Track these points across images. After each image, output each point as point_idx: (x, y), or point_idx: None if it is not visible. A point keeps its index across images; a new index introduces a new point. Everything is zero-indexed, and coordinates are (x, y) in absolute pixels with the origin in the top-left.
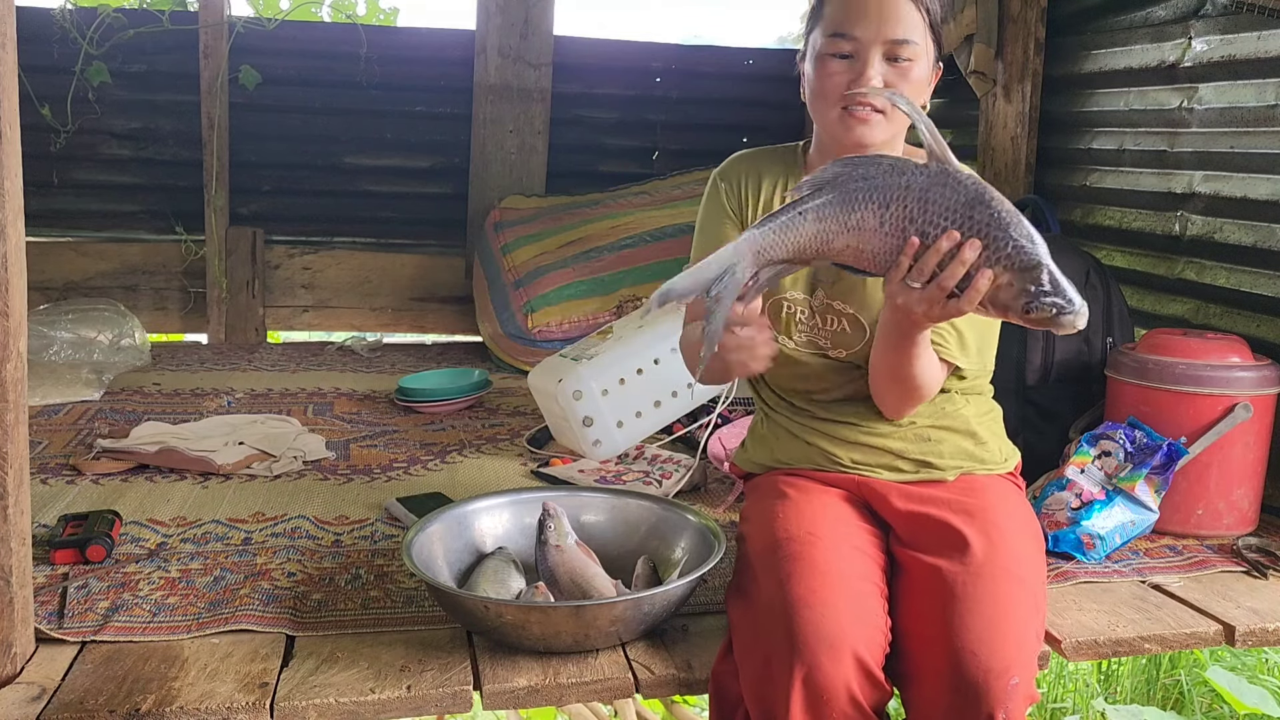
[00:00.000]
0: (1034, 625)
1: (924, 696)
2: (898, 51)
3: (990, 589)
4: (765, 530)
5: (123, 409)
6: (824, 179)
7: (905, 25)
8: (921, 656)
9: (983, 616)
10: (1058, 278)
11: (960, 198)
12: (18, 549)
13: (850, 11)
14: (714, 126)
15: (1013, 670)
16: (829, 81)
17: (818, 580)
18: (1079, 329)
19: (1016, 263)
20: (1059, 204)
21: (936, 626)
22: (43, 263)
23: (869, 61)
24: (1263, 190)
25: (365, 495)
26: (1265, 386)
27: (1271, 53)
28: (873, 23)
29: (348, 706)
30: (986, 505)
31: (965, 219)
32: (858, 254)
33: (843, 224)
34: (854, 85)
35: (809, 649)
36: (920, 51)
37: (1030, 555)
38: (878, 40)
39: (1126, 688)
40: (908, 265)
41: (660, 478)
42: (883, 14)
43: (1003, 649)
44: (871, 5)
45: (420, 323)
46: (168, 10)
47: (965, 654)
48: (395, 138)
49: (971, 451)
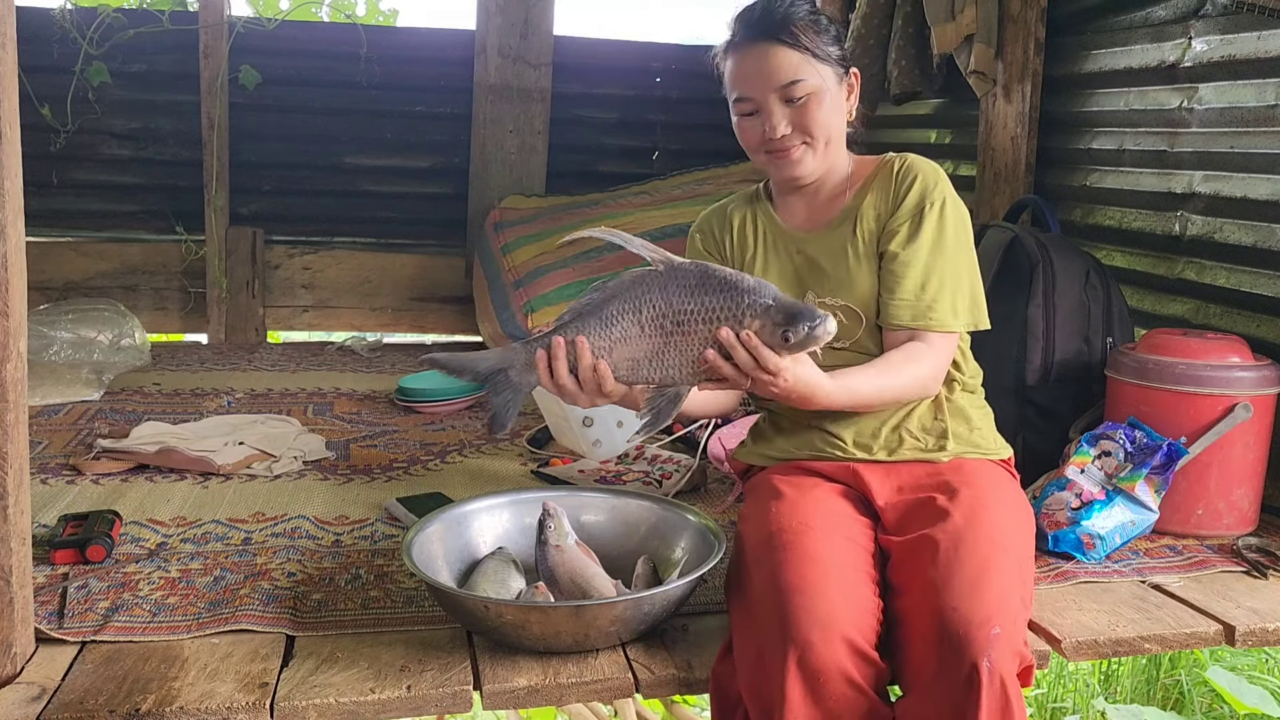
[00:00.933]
0: (1017, 587)
1: (913, 662)
2: (791, 93)
3: (971, 550)
4: (760, 525)
5: (123, 409)
6: (578, 309)
7: (786, 69)
8: (911, 626)
9: (964, 576)
10: (792, 305)
11: (691, 280)
12: (18, 549)
13: (737, 75)
14: (714, 126)
15: (994, 620)
16: (746, 137)
17: (808, 567)
18: (833, 333)
19: (757, 310)
20: (1059, 204)
21: (923, 594)
22: (43, 263)
23: (770, 112)
24: (1263, 190)
25: (365, 495)
26: (1265, 386)
27: (1271, 53)
28: (760, 80)
29: (348, 706)
30: (973, 483)
31: (700, 292)
32: (635, 365)
33: (610, 340)
34: (767, 136)
35: (801, 631)
36: (815, 84)
37: (1013, 527)
38: (769, 91)
39: (1126, 688)
40: (708, 373)
41: (660, 478)
42: (763, 70)
43: (983, 602)
44: (749, 64)
45: (420, 323)
46: (168, 10)
47: (947, 611)
48: (395, 138)
49: (967, 436)
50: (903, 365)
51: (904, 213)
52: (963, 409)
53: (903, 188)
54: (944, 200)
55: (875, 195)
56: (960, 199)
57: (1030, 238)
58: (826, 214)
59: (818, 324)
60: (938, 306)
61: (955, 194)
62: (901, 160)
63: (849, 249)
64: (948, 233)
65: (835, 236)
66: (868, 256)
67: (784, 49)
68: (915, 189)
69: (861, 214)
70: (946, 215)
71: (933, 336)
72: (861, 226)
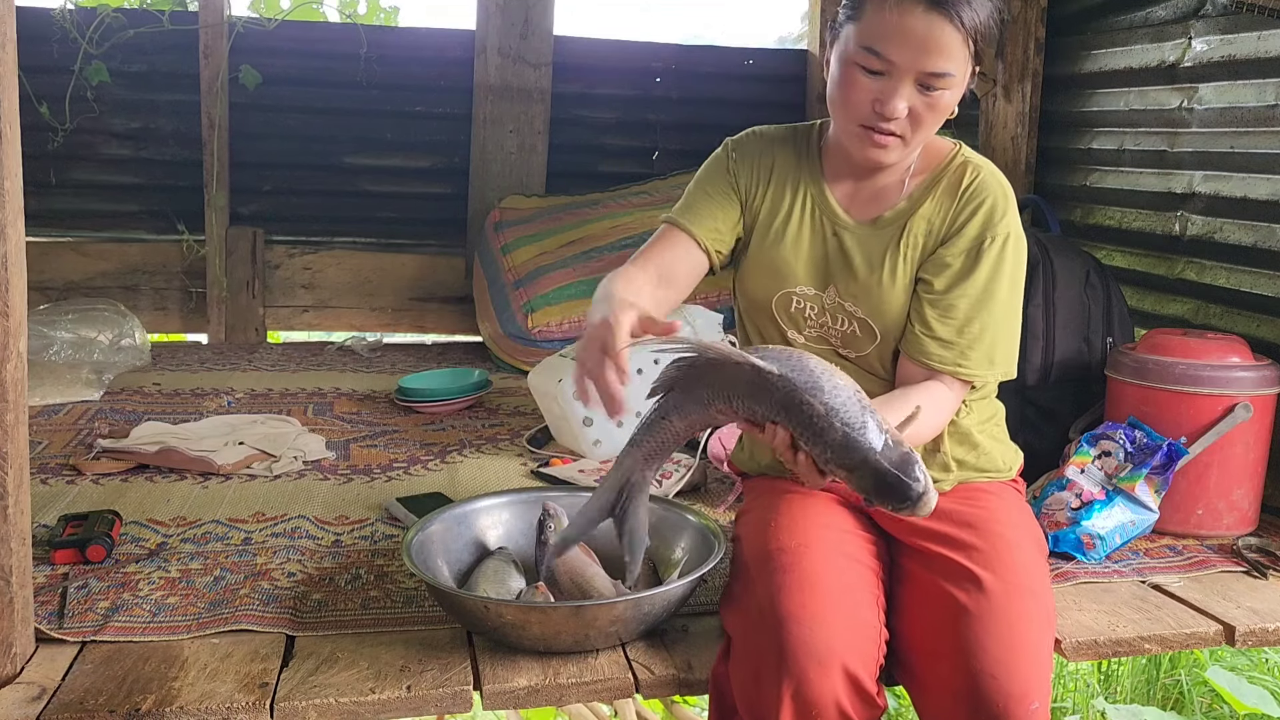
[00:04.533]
0: (1048, 639)
1: (939, 709)
2: (932, 82)
3: (1004, 606)
4: (759, 539)
5: (123, 409)
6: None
7: (946, 57)
8: (933, 667)
9: (999, 637)
10: (882, 476)
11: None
12: (18, 549)
13: (890, 31)
14: (714, 126)
15: (1032, 694)
16: (852, 93)
17: (808, 593)
18: (930, 509)
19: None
20: (1059, 204)
21: (948, 641)
22: (43, 263)
23: (898, 89)
24: (1263, 190)
25: (365, 495)
26: (1265, 386)
27: (1271, 53)
28: (911, 51)
29: (348, 706)
30: (988, 515)
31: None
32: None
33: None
34: (879, 107)
35: (797, 664)
36: (956, 81)
37: (1037, 564)
38: (913, 69)
39: (1126, 688)
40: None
41: (660, 478)
42: (925, 44)
43: (1021, 672)
44: (914, 32)
45: (420, 323)
46: (168, 10)
47: (984, 677)
48: (395, 138)
49: (970, 461)
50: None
51: (961, 244)
52: (967, 433)
53: (966, 210)
54: (1007, 236)
55: (933, 205)
56: (1022, 230)
57: (1030, 238)
58: (877, 205)
59: (904, 508)
60: (972, 355)
61: (1019, 223)
62: (974, 173)
63: (888, 256)
64: (1004, 275)
65: (879, 236)
66: (906, 273)
67: (955, 33)
68: (979, 217)
69: (914, 223)
70: (1006, 255)
71: (958, 383)
72: (909, 236)
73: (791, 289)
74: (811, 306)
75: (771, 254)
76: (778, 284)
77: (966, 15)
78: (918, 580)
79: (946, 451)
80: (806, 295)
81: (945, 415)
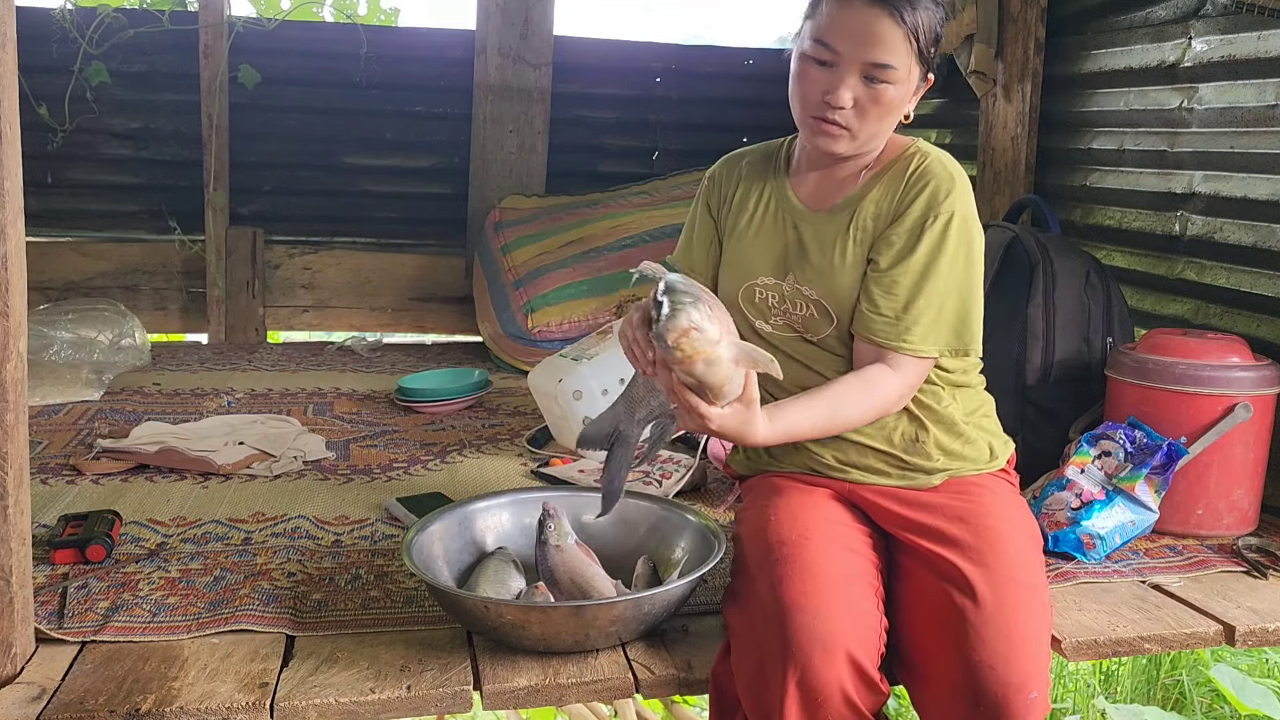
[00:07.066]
0: (1045, 630)
1: (938, 704)
2: (875, 74)
3: (999, 598)
4: (759, 533)
5: (123, 409)
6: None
7: (887, 49)
8: (931, 662)
9: (997, 629)
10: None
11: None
12: (18, 549)
13: (836, 24)
14: (714, 126)
15: (1031, 684)
16: (804, 84)
17: (810, 583)
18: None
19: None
20: (1059, 204)
21: (946, 636)
22: (43, 263)
23: (844, 79)
24: (1263, 190)
25: (365, 495)
26: (1265, 386)
27: (1271, 53)
28: (854, 41)
29: (348, 706)
30: (981, 509)
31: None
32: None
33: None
34: (827, 97)
35: (802, 651)
36: (900, 76)
37: (1031, 555)
38: (857, 60)
39: (1127, 687)
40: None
41: (660, 478)
42: (866, 35)
43: (1020, 663)
44: (856, 23)
45: (420, 323)
46: (168, 10)
47: (982, 668)
48: (395, 138)
49: (958, 452)
50: (858, 396)
51: (905, 224)
52: (953, 423)
53: (911, 192)
54: (951, 215)
55: (882, 190)
56: (974, 213)
57: (1030, 238)
58: (832, 196)
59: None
60: (915, 329)
61: (971, 206)
62: (921, 158)
63: (839, 240)
64: (946, 251)
65: (831, 223)
66: (857, 255)
67: (894, 26)
68: (924, 198)
69: (864, 206)
70: (950, 232)
71: (902, 359)
72: (859, 219)
73: (754, 281)
74: (773, 295)
75: (736, 251)
76: (743, 278)
77: (908, 14)
78: (914, 576)
79: (929, 443)
80: (768, 285)
81: (891, 394)
